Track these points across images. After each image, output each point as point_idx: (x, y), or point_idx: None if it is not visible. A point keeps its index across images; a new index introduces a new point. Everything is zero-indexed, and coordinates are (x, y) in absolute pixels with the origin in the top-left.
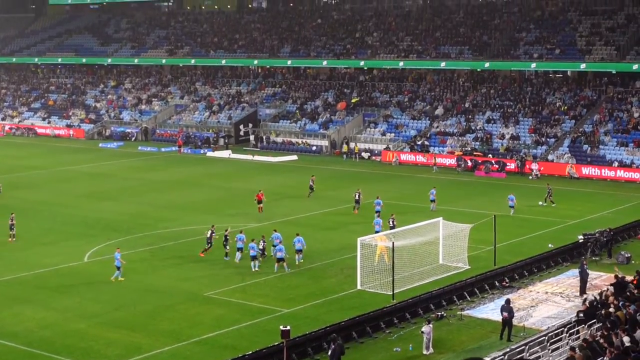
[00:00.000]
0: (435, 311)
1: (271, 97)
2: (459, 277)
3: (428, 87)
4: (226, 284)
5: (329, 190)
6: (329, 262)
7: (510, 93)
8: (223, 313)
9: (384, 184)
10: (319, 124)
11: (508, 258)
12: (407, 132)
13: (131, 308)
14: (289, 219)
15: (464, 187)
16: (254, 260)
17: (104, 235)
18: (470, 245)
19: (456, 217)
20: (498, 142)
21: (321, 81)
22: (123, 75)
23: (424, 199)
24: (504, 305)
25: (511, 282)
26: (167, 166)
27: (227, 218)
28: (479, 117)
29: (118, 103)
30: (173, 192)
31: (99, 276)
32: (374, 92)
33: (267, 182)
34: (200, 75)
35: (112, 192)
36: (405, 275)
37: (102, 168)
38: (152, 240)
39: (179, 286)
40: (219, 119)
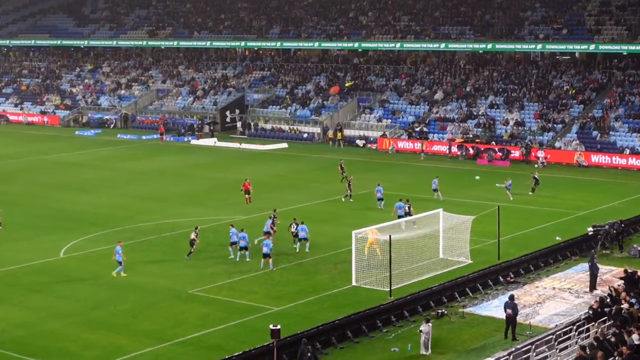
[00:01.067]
0: (435, 309)
1: (259, 81)
2: (460, 272)
3: (427, 70)
4: (212, 280)
5: (321, 180)
6: (321, 256)
7: (515, 76)
8: (209, 311)
9: (380, 173)
10: (310, 109)
11: (513, 252)
12: (405, 118)
13: (110, 307)
14: (279, 211)
15: (466, 176)
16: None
17: (81, 230)
18: (472, 239)
19: (457, 208)
20: (501, 128)
21: (313, 64)
22: (101, 58)
23: (422, 189)
24: (508, 301)
25: (516, 277)
26: (148, 155)
27: (212, 210)
28: (481, 101)
29: (95, 88)
30: (155, 182)
31: (75, 273)
32: (369, 75)
33: (255, 172)
34: (184, 58)
35: (89, 183)
36: (403, 271)
37: (79, 157)
38: (133, 234)
39: (162, 283)
40: (204, 104)
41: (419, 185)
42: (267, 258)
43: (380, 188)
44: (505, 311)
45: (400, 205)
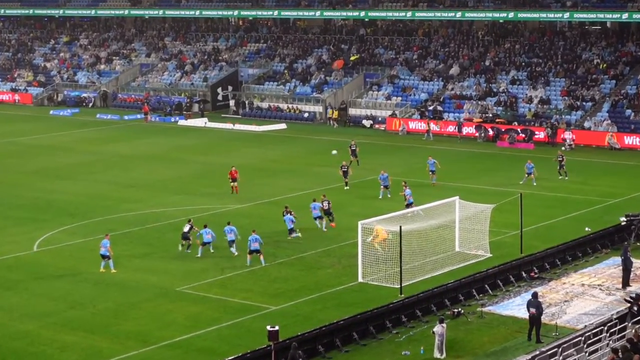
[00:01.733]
0: (450, 308)
1: (254, 54)
2: (478, 267)
3: (441, 42)
4: (202, 277)
5: (323, 165)
6: (324, 250)
7: (539, 48)
8: (199, 311)
9: (389, 156)
10: (311, 86)
11: (537, 244)
12: (417, 96)
13: (90, 306)
14: (276, 199)
15: (485, 160)
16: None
17: (57, 220)
18: (492, 230)
19: (475, 196)
20: (524, 106)
21: (314, 35)
22: (78, 29)
23: (439, 174)
24: (532, 300)
25: (540, 272)
26: (131, 137)
27: (202, 198)
28: (501, 77)
29: (72, 62)
30: (138, 168)
31: (51, 268)
32: (376, 48)
33: (250, 156)
34: (170, 29)
35: (65, 169)
36: (415, 266)
37: (54, 140)
38: (114, 225)
39: (147, 280)
40: (193, 80)
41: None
42: (257, 254)
43: (386, 175)
44: (528, 310)
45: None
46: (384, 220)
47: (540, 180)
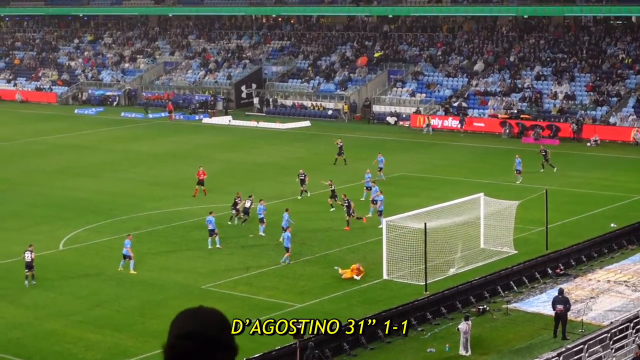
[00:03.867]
0: (476, 305)
1: (278, 52)
2: (504, 263)
3: (465, 38)
4: (227, 274)
5: (349, 162)
6: (348, 247)
7: (564, 44)
8: (224, 309)
9: (413, 153)
10: (335, 83)
11: (562, 240)
12: (441, 92)
13: (115, 304)
14: (300, 197)
15: (510, 156)
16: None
17: (82, 219)
18: (517, 226)
19: (500, 192)
20: (549, 102)
21: (338, 32)
22: (102, 28)
23: (460, 171)
24: (558, 296)
25: (566, 269)
26: (155, 135)
27: (227, 196)
28: (526, 73)
29: (96, 61)
30: (163, 166)
31: (76, 267)
32: (400, 44)
33: (274, 153)
34: (194, 27)
35: (90, 168)
36: (440, 263)
37: (79, 139)
38: (139, 223)
39: (172, 278)
40: (217, 78)
41: (457, 167)
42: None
43: (370, 175)
44: (554, 307)
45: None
46: (408, 217)
47: (566, 176)
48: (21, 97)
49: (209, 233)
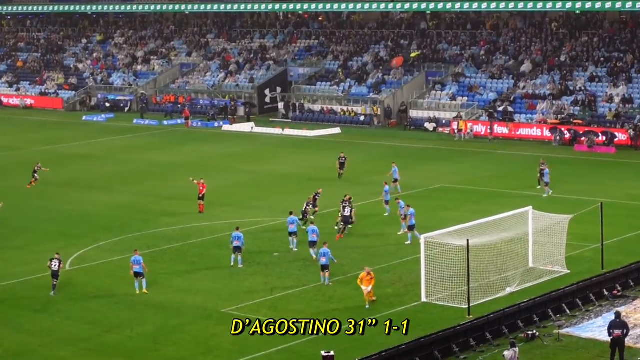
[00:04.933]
0: (524, 330)
1: (305, 52)
2: (555, 284)
3: (511, 36)
4: (249, 297)
5: (382, 173)
6: (383, 266)
7: (620, 42)
8: (246, 335)
9: (452, 163)
10: (368, 86)
11: (620, 259)
12: (485, 96)
13: (127, 330)
14: (331, 211)
15: (561, 165)
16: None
17: (91, 236)
18: (569, 243)
19: (550, 206)
20: (605, 106)
21: (370, 30)
22: (112, 26)
23: (507, 182)
24: (615, 320)
25: (624, 290)
26: (171, 144)
27: (250, 211)
28: (578, 74)
29: (106, 63)
30: (179, 178)
31: (85, 289)
32: (439, 43)
33: (301, 164)
34: (213, 26)
35: (100, 180)
36: (485, 283)
37: (87, 148)
38: (153, 241)
39: (189, 300)
40: (238, 81)
41: (503, 178)
42: (326, 270)
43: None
44: (610, 332)
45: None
46: (449, 233)
47: (623, 187)
48: (25, 103)
49: (234, 250)
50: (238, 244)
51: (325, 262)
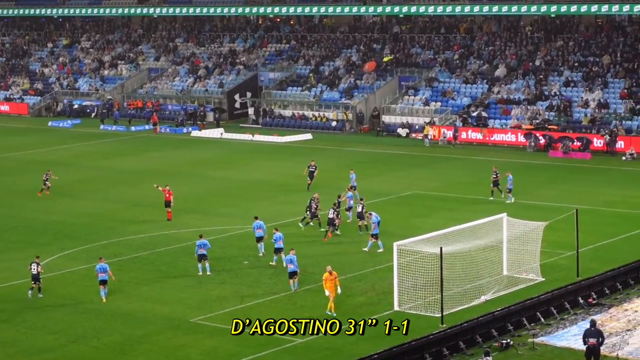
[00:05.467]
0: (498, 339)
1: (276, 56)
2: (529, 292)
3: (485, 40)
4: (219, 306)
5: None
6: (355, 274)
7: (596, 46)
8: (216, 345)
9: (425, 169)
10: (340, 91)
11: (595, 266)
12: (459, 101)
13: (94, 340)
14: (300, 218)
15: (536, 172)
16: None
17: (57, 244)
18: (544, 250)
19: (525, 212)
20: (580, 111)
21: (342, 34)
22: (79, 30)
23: (481, 189)
24: (590, 329)
25: (600, 298)
26: (139, 150)
27: (219, 219)
28: (553, 78)
29: (73, 68)
30: (147, 185)
31: (50, 298)
32: (413, 47)
33: (272, 170)
34: (182, 30)
35: (66, 187)
36: (458, 292)
37: (53, 154)
38: (120, 249)
39: (157, 310)
40: (207, 86)
41: (476, 184)
42: (294, 277)
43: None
44: (585, 341)
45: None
46: (422, 240)
47: (599, 194)
48: None
49: (199, 258)
50: (203, 251)
51: (294, 269)
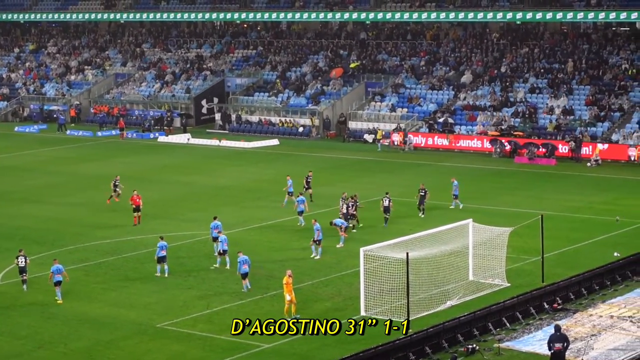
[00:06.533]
0: (464, 344)
1: (243, 62)
2: (495, 297)
3: (451, 47)
4: (186, 311)
5: (321, 185)
6: (322, 280)
7: (561, 53)
8: (182, 350)
9: (392, 175)
10: (307, 97)
11: (560, 272)
12: (425, 107)
13: (60, 345)
14: (268, 224)
15: (501, 178)
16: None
17: (24, 249)
18: (509, 256)
19: (490, 218)
20: (545, 118)
21: (309, 40)
22: (45, 35)
23: (446, 195)
24: (555, 334)
25: (564, 303)
26: (105, 156)
27: (187, 224)
28: (519, 85)
29: (39, 73)
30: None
31: (16, 303)
32: (379, 54)
33: (238, 176)
34: (148, 35)
35: (32, 192)
36: (424, 297)
37: (19, 160)
38: (87, 254)
39: (124, 315)
40: (174, 92)
41: (442, 190)
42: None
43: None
44: (551, 346)
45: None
46: (388, 246)
47: (564, 200)
48: None
49: (159, 260)
50: (164, 253)
51: (247, 270)
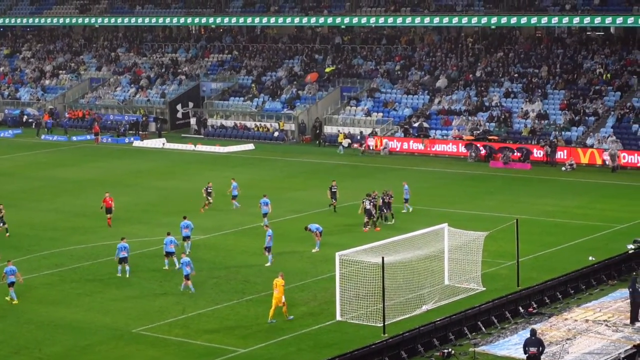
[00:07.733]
0: (440, 348)
1: (218, 66)
2: (470, 302)
3: (426, 51)
4: (161, 316)
5: (296, 189)
6: (297, 284)
7: (536, 57)
8: (158, 355)
9: (367, 180)
10: (282, 101)
11: (535, 276)
12: (400, 112)
13: (35, 351)
14: (243, 229)
15: (476, 182)
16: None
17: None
18: (485, 260)
19: (466, 222)
20: (520, 122)
21: (284, 45)
22: (20, 40)
23: (422, 199)
24: (530, 338)
25: (540, 307)
26: (80, 160)
27: (161, 228)
28: (494, 89)
29: (13, 77)
30: (89, 195)
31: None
32: (354, 58)
33: (213, 180)
34: (123, 39)
35: (7, 197)
36: (400, 302)
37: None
38: (62, 259)
39: (99, 320)
40: (149, 96)
41: (417, 195)
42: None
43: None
44: (526, 350)
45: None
46: (364, 251)
47: (539, 205)
48: None
49: (120, 261)
50: (125, 254)
51: (190, 271)
